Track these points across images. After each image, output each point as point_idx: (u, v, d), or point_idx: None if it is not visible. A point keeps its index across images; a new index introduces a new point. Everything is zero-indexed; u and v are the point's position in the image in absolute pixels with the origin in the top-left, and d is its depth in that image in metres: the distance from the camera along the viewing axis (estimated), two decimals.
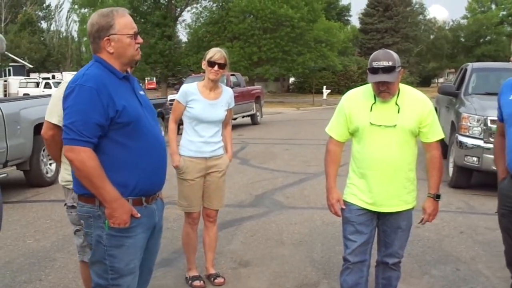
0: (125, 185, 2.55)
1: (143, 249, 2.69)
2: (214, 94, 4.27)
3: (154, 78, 56.24)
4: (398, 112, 3.20)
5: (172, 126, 4.39)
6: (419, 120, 3.23)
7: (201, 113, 4.18)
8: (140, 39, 2.66)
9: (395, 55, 3.17)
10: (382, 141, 3.21)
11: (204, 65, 4.23)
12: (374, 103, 3.24)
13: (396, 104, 3.21)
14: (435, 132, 3.30)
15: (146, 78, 53.96)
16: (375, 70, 3.11)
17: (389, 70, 3.09)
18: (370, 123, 3.22)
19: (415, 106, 3.24)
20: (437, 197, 3.35)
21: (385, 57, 3.13)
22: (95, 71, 2.55)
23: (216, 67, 4.16)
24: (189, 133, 4.25)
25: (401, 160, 3.24)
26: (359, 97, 3.33)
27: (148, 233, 2.72)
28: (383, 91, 3.15)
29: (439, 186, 3.36)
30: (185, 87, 4.31)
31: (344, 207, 3.36)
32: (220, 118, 4.28)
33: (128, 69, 3.50)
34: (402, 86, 3.29)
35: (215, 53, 4.18)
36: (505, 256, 3.51)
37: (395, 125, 3.19)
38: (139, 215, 2.59)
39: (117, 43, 2.56)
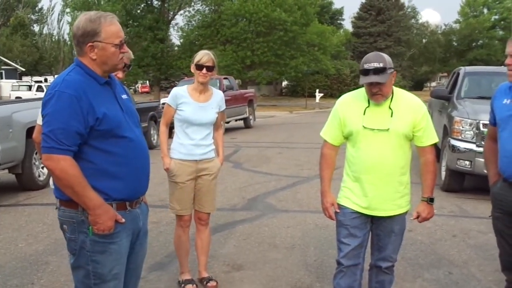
0: (107, 191, 2.50)
1: (126, 254, 2.64)
2: (204, 97, 4.28)
3: (147, 82, 56.10)
4: (391, 116, 3.21)
5: (162, 129, 4.40)
6: (413, 124, 3.23)
7: (191, 116, 4.19)
8: (125, 49, 2.59)
9: (386, 57, 3.18)
10: (375, 145, 3.22)
11: (192, 68, 4.25)
12: (368, 106, 3.24)
13: (390, 108, 3.22)
14: (429, 136, 3.30)
15: (139, 82, 53.85)
16: (366, 72, 3.12)
17: (380, 71, 3.09)
18: (363, 126, 3.22)
19: (409, 110, 3.24)
20: (431, 200, 3.35)
21: (375, 58, 3.14)
22: (75, 76, 2.47)
23: (204, 70, 4.17)
24: (180, 136, 4.26)
25: (394, 164, 3.25)
26: (353, 101, 3.34)
27: (131, 238, 2.66)
28: (376, 93, 3.15)
29: (432, 190, 3.36)
30: (175, 90, 4.32)
31: (338, 210, 3.36)
32: (210, 120, 4.28)
33: (121, 74, 3.50)
34: (396, 90, 3.30)
35: (203, 56, 4.20)
36: (500, 260, 3.51)
37: (388, 129, 3.19)
38: (123, 220, 2.53)
39: (101, 51, 2.49)
